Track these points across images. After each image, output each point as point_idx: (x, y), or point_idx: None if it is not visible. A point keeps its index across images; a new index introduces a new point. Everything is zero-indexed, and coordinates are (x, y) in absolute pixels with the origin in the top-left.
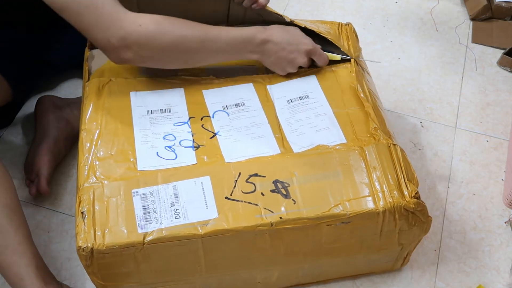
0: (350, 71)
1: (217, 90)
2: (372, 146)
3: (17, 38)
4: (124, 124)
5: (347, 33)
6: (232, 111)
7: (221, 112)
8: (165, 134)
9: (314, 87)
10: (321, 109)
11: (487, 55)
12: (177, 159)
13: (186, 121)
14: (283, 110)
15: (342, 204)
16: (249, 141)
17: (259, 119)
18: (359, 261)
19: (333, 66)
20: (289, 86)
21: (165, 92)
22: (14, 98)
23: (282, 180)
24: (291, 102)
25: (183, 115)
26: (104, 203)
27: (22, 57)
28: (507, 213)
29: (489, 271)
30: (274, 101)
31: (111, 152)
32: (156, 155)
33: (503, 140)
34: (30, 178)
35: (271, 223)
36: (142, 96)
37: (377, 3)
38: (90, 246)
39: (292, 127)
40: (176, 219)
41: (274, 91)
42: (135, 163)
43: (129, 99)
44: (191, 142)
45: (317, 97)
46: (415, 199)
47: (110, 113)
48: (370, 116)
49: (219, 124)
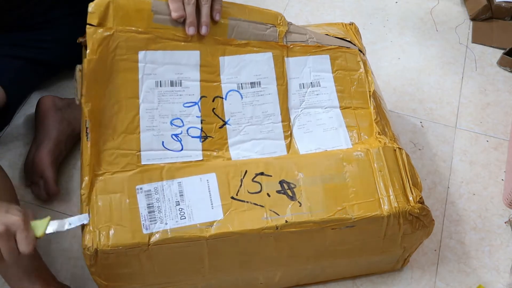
0: (362, 65)
1: (235, 58)
2: (379, 149)
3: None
4: (130, 98)
5: (354, 32)
6: (246, 92)
7: (234, 92)
8: (173, 118)
9: (326, 70)
10: (330, 103)
11: (487, 55)
12: (183, 152)
13: (197, 101)
14: (295, 97)
15: (347, 208)
16: (258, 136)
17: (272, 108)
18: (361, 262)
19: (346, 51)
20: (305, 63)
21: (178, 54)
22: (9, 100)
23: (288, 180)
24: (303, 87)
25: (195, 92)
26: (108, 200)
27: (13, 58)
28: (507, 213)
29: (489, 271)
30: (289, 82)
31: (113, 137)
32: (161, 145)
33: (503, 140)
34: (32, 180)
35: (276, 226)
36: (152, 58)
37: (377, 3)
38: (95, 246)
39: (300, 121)
40: (181, 219)
41: (291, 67)
42: (139, 156)
43: (137, 61)
44: (199, 131)
45: (327, 87)
46: (419, 204)
47: (115, 81)
48: (377, 117)
49: (231, 109)
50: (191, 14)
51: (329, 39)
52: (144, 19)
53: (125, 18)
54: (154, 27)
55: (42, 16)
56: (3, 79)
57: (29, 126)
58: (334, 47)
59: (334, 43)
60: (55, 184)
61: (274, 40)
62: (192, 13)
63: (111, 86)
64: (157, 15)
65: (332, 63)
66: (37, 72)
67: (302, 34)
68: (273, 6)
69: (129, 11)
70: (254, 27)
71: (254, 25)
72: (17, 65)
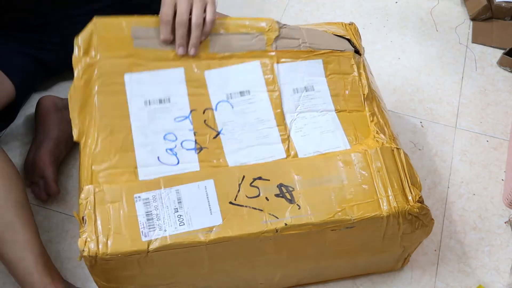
0: (356, 69)
1: (221, 70)
2: (376, 150)
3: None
4: (120, 118)
5: (353, 32)
6: (237, 102)
7: (224, 103)
8: (165, 133)
9: (319, 75)
10: (325, 106)
11: (487, 55)
12: (179, 165)
13: (187, 115)
14: (288, 102)
15: (346, 209)
16: (253, 143)
17: (265, 114)
18: (361, 262)
19: (339, 54)
20: (296, 68)
21: (163, 73)
22: (17, 96)
23: (286, 184)
24: (296, 92)
25: (184, 106)
26: (106, 208)
27: (21, 55)
28: (507, 213)
29: (489, 271)
30: (281, 87)
31: (110, 157)
32: (157, 160)
33: (503, 140)
34: (32, 180)
35: (275, 230)
36: (137, 78)
37: (377, 3)
38: (93, 254)
39: (297, 125)
40: (180, 226)
41: (282, 72)
42: (136, 173)
43: (124, 83)
44: (193, 143)
45: (321, 91)
46: (419, 204)
47: (104, 104)
48: (373, 118)
49: (222, 119)
50: (182, 37)
51: (325, 40)
52: (125, 45)
53: (108, 46)
54: (136, 51)
55: (45, 17)
56: (14, 74)
57: (29, 126)
58: (326, 51)
59: (330, 44)
60: (55, 184)
61: (261, 49)
62: (183, 36)
63: (101, 109)
64: (137, 40)
65: (325, 67)
66: (40, 72)
67: (295, 39)
68: (273, 6)
69: (111, 39)
70: (239, 38)
71: (238, 36)
72: (25, 62)
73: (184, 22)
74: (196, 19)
